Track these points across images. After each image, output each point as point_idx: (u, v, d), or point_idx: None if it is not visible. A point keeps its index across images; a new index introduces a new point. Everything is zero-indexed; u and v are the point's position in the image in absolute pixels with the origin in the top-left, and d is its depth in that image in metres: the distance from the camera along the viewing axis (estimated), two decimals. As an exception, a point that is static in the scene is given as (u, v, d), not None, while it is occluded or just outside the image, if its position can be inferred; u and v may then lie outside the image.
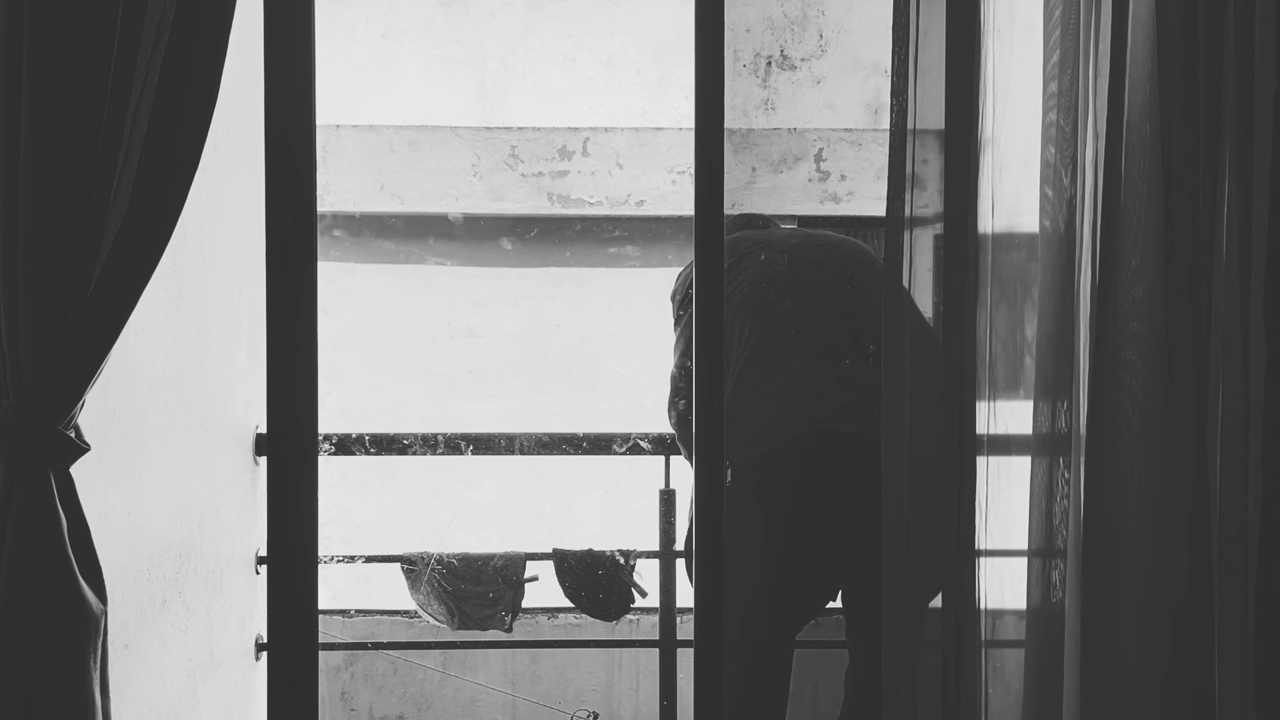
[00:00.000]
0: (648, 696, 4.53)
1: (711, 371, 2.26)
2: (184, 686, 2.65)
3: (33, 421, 1.87)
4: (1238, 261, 2.03)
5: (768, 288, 2.65)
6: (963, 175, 2.25)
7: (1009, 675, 2.25)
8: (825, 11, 5.44)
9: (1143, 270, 2.06)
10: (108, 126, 1.87)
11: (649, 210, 6.13)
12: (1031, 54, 2.22)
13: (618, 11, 6.19)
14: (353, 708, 4.53)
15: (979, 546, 2.26)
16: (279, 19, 2.14)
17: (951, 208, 2.26)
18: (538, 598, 3.29)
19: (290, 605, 2.19)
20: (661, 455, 3.27)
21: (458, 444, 3.27)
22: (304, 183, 2.15)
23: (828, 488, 2.59)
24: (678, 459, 3.22)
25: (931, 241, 2.34)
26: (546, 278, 5.93)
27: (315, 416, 2.18)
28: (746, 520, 2.53)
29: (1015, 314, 2.26)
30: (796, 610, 2.66)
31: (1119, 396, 2.07)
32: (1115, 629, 2.07)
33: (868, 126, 5.57)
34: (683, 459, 2.92)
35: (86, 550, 1.95)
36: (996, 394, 2.26)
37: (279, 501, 2.18)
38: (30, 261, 1.85)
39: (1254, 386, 2.05)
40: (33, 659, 1.90)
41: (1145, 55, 2.03)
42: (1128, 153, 2.06)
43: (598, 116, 6.15)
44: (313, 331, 2.18)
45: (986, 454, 2.26)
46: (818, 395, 2.58)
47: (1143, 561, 2.05)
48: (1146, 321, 2.05)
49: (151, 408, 2.43)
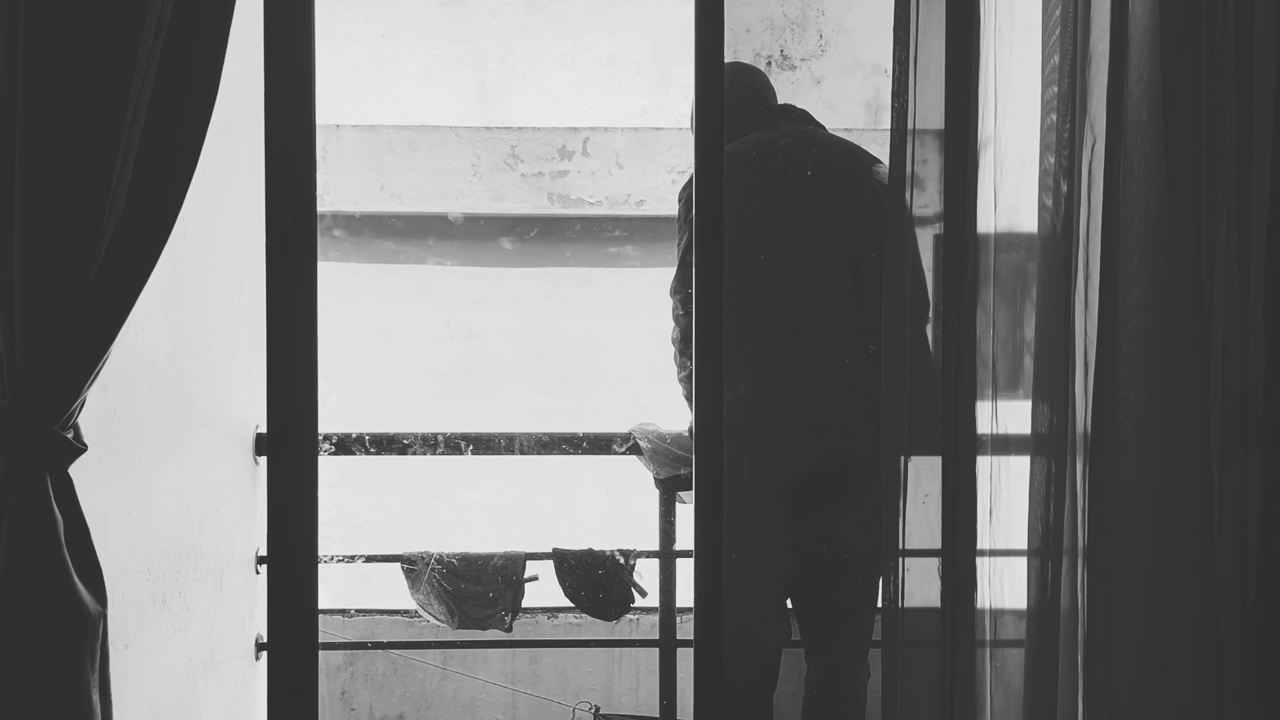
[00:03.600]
0: (648, 696, 4.53)
1: (712, 370, 2.25)
2: (184, 686, 2.64)
3: (28, 422, 1.86)
4: (1237, 262, 2.03)
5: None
6: (962, 175, 2.25)
7: (1009, 675, 2.25)
8: (825, 11, 5.43)
9: (1141, 271, 2.06)
10: (107, 123, 1.86)
11: (649, 210, 6.13)
12: (1031, 53, 2.22)
13: (618, 11, 6.19)
14: (353, 707, 4.53)
15: (979, 546, 2.27)
16: (279, 19, 2.14)
17: (951, 207, 2.26)
18: (538, 597, 3.29)
19: (290, 605, 2.19)
20: (661, 455, 3.27)
21: (458, 444, 3.27)
22: (304, 183, 2.15)
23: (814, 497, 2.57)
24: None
25: (931, 241, 2.34)
26: (546, 278, 5.93)
27: (315, 416, 2.18)
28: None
29: (1015, 314, 2.26)
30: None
31: (1121, 394, 2.07)
32: (1116, 628, 2.07)
33: (868, 126, 5.57)
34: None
35: (85, 551, 1.94)
36: (997, 394, 2.26)
37: (279, 501, 2.18)
38: (26, 261, 1.84)
39: (1254, 386, 2.05)
40: (27, 661, 1.89)
41: (1145, 55, 2.03)
42: (1127, 152, 2.06)
43: (598, 116, 6.15)
44: (313, 331, 2.18)
45: (989, 454, 2.26)
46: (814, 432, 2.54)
47: (1145, 561, 2.04)
48: (1147, 317, 2.05)
49: (151, 407, 2.43)
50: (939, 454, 2.30)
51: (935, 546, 2.32)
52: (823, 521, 2.57)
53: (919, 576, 2.36)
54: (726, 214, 2.23)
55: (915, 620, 2.35)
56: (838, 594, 2.61)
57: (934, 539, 2.32)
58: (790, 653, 2.70)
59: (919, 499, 2.35)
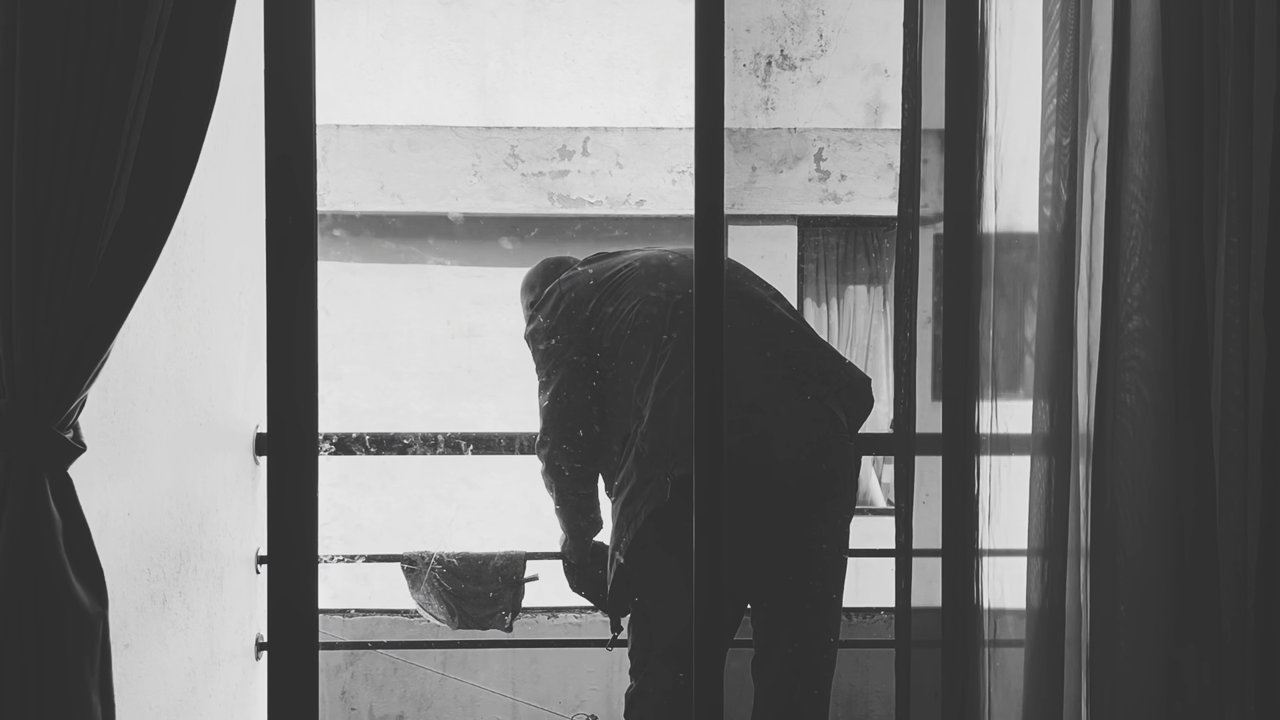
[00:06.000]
0: (648, 696, 4.52)
1: (712, 369, 2.25)
2: (184, 686, 2.65)
3: (27, 422, 1.85)
4: (1238, 262, 2.03)
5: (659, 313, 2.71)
6: (963, 174, 2.25)
7: (1009, 675, 2.25)
8: (825, 11, 5.44)
9: (1142, 270, 2.06)
10: (107, 123, 1.85)
11: (649, 210, 6.13)
12: (1032, 53, 2.22)
13: (618, 11, 6.19)
14: (353, 707, 4.53)
15: (980, 546, 2.27)
16: (279, 19, 2.14)
17: (952, 207, 2.26)
18: (538, 597, 3.29)
19: (290, 605, 2.19)
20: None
21: (458, 443, 3.27)
22: (304, 183, 2.15)
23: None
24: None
25: (932, 241, 2.34)
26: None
27: (315, 416, 2.18)
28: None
29: (1015, 314, 2.26)
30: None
31: (1123, 394, 2.07)
32: (1118, 628, 2.07)
33: (868, 126, 5.58)
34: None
35: (85, 551, 1.93)
36: (997, 394, 2.26)
37: (279, 501, 2.18)
38: (25, 260, 1.84)
39: (1254, 386, 2.05)
40: (27, 661, 1.88)
41: (1146, 54, 2.03)
42: (1129, 151, 2.06)
43: (598, 116, 6.15)
44: (313, 331, 2.18)
45: (990, 453, 2.26)
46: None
47: (1146, 560, 2.04)
48: (1149, 317, 2.05)
49: (151, 407, 2.43)
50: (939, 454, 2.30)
51: (936, 547, 2.32)
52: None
53: (920, 576, 2.36)
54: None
55: (916, 620, 2.35)
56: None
57: (935, 539, 2.32)
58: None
59: (920, 499, 2.35)
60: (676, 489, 2.55)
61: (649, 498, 2.59)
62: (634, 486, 2.63)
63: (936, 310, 2.32)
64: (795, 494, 2.60)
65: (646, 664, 2.65)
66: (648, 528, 2.59)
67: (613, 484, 2.76)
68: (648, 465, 2.60)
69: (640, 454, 2.62)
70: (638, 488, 2.62)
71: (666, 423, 2.59)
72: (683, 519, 2.51)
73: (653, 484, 2.60)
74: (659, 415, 2.60)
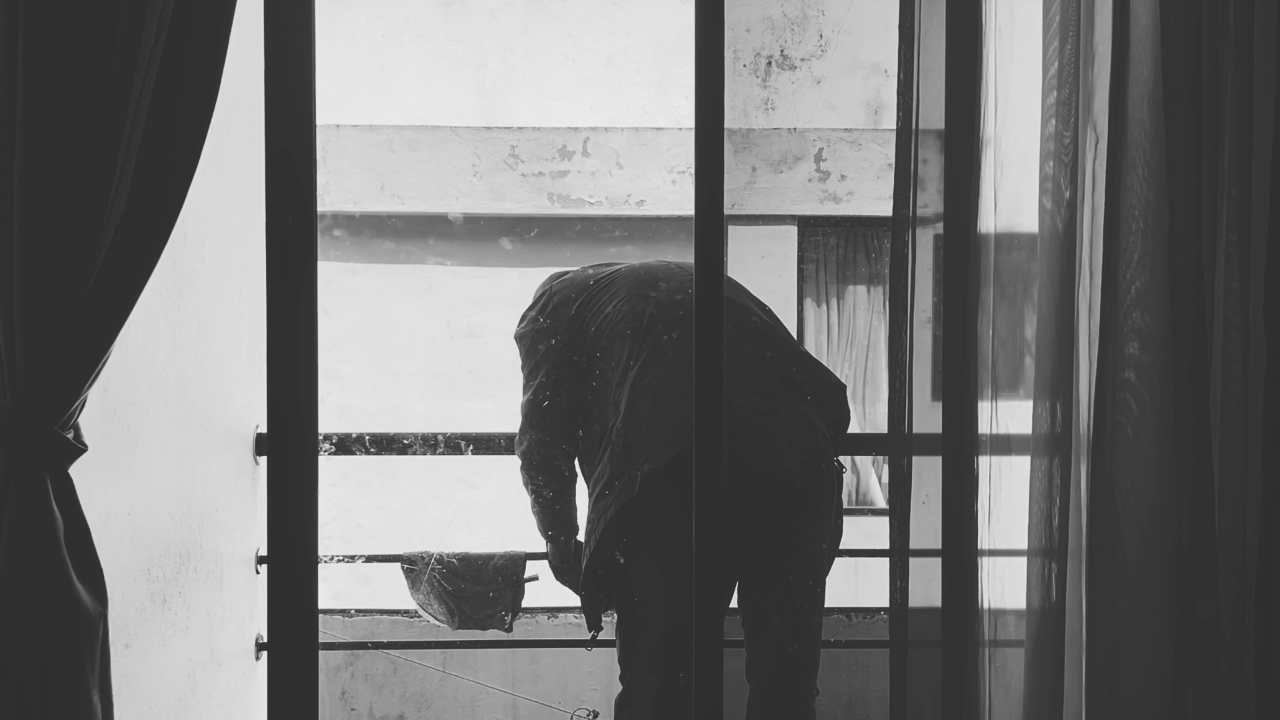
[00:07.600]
0: (648, 696, 4.52)
1: (712, 369, 2.25)
2: (184, 686, 2.65)
3: (29, 422, 1.86)
4: (1238, 261, 2.03)
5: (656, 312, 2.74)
6: (963, 175, 2.25)
7: (1009, 675, 2.25)
8: (825, 11, 5.44)
9: (1141, 269, 2.06)
10: (107, 124, 1.86)
11: (649, 210, 6.14)
12: (1032, 53, 2.22)
13: (618, 11, 6.19)
14: (353, 707, 4.53)
15: (980, 546, 2.27)
16: (279, 19, 2.14)
17: (952, 207, 2.26)
18: (538, 597, 3.29)
19: (290, 605, 2.19)
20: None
21: (458, 444, 3.27)
22: (304, 183, 2.15)
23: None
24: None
25: (932, 241, 2.34)
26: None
27: (315, 416, 2.18)
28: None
29: (1015, 314, 2.26)
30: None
31: (1122, 394, 2.07)
32: (1117, 628, 2.07)
33: (868, 126, 5.58)
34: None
35: (86, 551, 1.93)
36: (997, 394, 2.26)
37: (279, 501, 2.18)
38: (26, 261, 1.84)
39: (1253, 385, 2.05)
40: (28, 661, 1.88)
41: (1146, 54, 2.03)
42: (1129, 150, 2.06)
43: (598, 116, 6.15)
44: (313, 331, 2.18)
45: (990, 453, 2.26)
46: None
47: (1146, 560, 2.04)
48: (1149, 316, 2.05)
49: (152, 407, 2.43)
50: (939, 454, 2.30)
51: (935, 547, 2.32)
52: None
53: (920, 576, 2.36)
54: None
55: (916, 620, 2.35)
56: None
57: (934, 539, 2.32)
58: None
59: (919, 499, 2.35)
60: (645, 484, 2.57)
61: (619, 491, 2.61)
62: (606, 481, 2.65)
63: (936, 310, 2.32)
64: (769, 502, 2.61)
65: (631, 665, 2.66)
66: (616, 521, 2.61)
67: (589, 480, 2.78)
68: (621, 461, 2.62)
69: (615, 450, 2.64)
70: (609, 483, 2.64)
71: (639, 418, 2.61)
72: (651, 514, 2.58)
73: (624, 479, 2.61)
74: (632, 411, 2.62)
